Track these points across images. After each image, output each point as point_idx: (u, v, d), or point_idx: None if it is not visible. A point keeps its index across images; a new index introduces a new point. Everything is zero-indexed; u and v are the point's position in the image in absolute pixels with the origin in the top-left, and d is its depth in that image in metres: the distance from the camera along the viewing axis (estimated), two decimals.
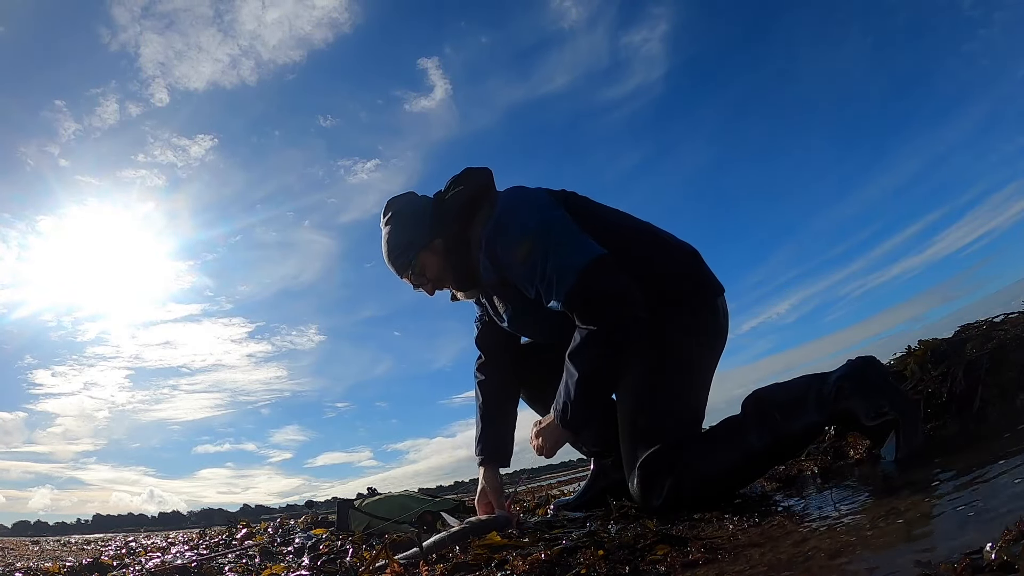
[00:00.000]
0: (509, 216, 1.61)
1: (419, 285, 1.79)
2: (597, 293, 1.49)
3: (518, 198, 1.67)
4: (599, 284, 1.49)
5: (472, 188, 1.70)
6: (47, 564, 2.43)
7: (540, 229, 1.56)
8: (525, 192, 1.70)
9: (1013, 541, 0.72)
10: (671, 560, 1.09)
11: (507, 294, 1.71)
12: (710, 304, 1.70)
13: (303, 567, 1.59)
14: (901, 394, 1.43)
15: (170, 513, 20.43)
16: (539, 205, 1.64)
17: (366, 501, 2.53)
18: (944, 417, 1.55)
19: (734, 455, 1.49)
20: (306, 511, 4.17)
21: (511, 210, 1.63)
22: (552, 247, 1.53)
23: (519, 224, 1.59)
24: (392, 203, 1.79)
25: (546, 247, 1.53)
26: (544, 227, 1.56)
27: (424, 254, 1.74)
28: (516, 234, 1.57)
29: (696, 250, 1.76)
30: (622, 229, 1.72)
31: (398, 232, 1.75)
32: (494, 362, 1.98)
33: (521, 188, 1.72)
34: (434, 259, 1.74)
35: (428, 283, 1.78)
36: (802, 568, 0.89)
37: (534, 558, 1.18)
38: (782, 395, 1.51)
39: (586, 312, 1.50)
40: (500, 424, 1.90)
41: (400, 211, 1.77)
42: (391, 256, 1.77)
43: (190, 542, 2.97)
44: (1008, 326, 1.77)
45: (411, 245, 1.74)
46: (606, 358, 1.52)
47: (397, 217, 1.77)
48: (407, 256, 1.74)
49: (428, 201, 1.78)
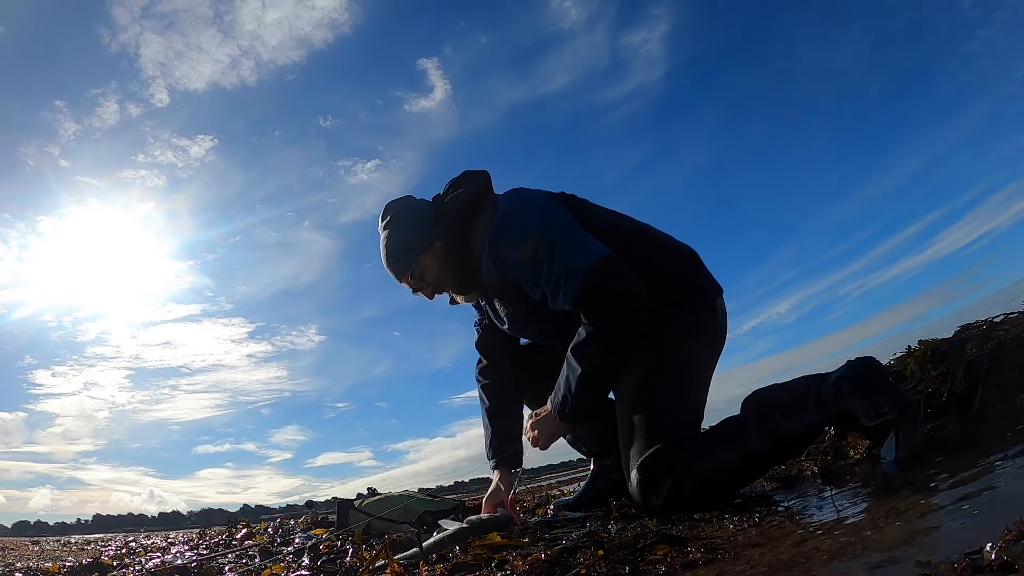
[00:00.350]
0: (512, 217, 1.61)
1: (418, 289, 1.77)
2: (606, 292, 1.49)
3: (520, 199, 1.67)
4: (608, 283, 1.49)
5: (471, 191, 1.69)
6: (47, 564, 2.43)
7: (544, 229, 1.56)
8: (526, 193, 1.70)
9: (1013, 541, 0.72)
10: (671, 560, 1.09)
11: (509, 295, 1.71)
12: (709, 305, 1.71)
13: (303, 567, 1.59)
14: (900, 394, 1.43)
15: (170, 513, 20.44)
16: (541, 205, 1.64)
17: (366, 501, 2.53)
18: (944, 417, 1.55)
19: (734, 455, 1.49)
20: (306, 511, 4.17)
21: (514, 211, 1.62)
22: (559, 247, 1.53)
23: (523, 224, 1.58)
24: (390, 207, 1.78)
25: (552, 247, 1.53)
26: (548, 227, 1.56)
27: (424, 257, 1.72)
28: (520, 234, 1.57)
29: (694, 251, 1.77)
30: (621, 231, 1.72)
31: (397, 235, 1.74)
32: (496, 365, 1.98)
33: (522, 189, 1.72)
34: (434, 262, 1.73)
35: (428, 287, 1.76)
36: (802, 568, 0.89)
37: (534, 558, 1.18)
38: (782, 396, 1.51)
39: (594, 311, 1.51)
40: (508, 426, 1.91)
41: (399, 214, 1.76)
42: (390, 259, 1.75)
43: (190, 542, 2.97)
44: (1008, 326, 1.77)
45: (410, 248, 1.72)
46: (609, 356, 1.53)
47: (396, 220, 1.75)
48: (407, 259, 1.73)
49: (427, 204, 1.77)
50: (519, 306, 1.71)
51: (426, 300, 1.81)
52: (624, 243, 1.66)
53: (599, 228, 1.64)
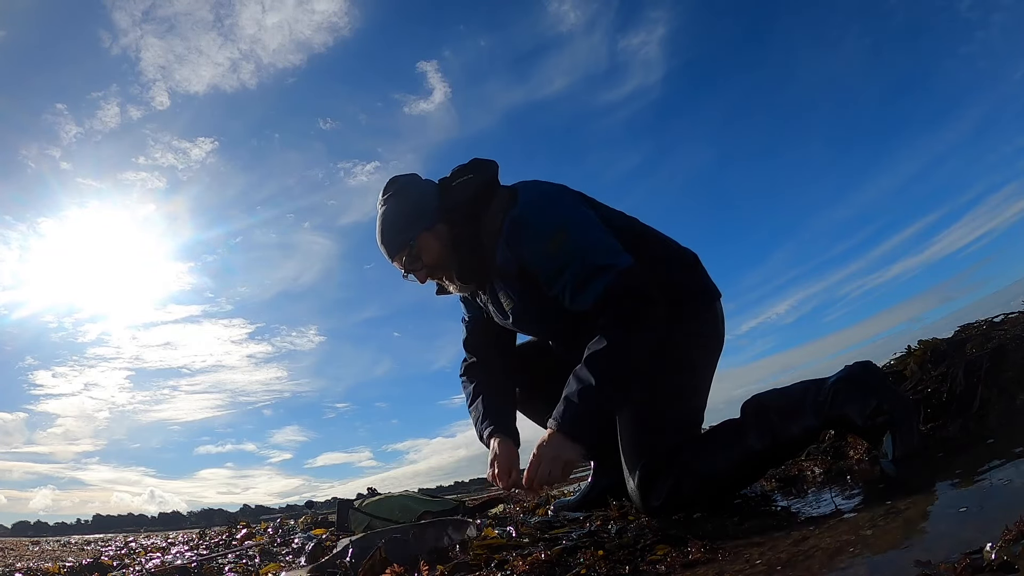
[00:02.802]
0: (539, 206, 1.55)
1: (411, 270, 1.66)
2: (639, 293, 1.45)
3: (547, 192, 1.61)
4: (639, 288, 1.45)
5: (482, 177, 1.64)
6: (47, 564, 2.43)
7: (575, 224, 1.52)
8: (551, 186, 1.64)
9: (1013, 541, 0.72)
10: (671, 560, 1.09)
11: (518, 287, 1.63)
12: (711, 308, 1.71)
13: (302, 567, 1.59)
14: (896, 395, 1.43)
15: (170, 513, 20.41)
16: (569, 201, 1.59)
17: (366, 501, 2.53)
18: (944, 417, 1.55)
19: (733, 456, 1.49)
20: (306, 511, 4.17)
21: (541, 201, 1.57)
22: (590, 243, 1.50)
23: (553, 216, 1.54)
24: (394, 180, 1.69)
25: (582, 242, 1.49)
26: (578, 223, 1.53)
27: (425, 236, 1.63)
28: (549, 225, 1.52)
29: (696, 255, 1.77)
30: (630, 231, 1.69)
31: (400, 210, 1.65)
32: (485, 363, 1.87)
33: (545, 182, 1.65)
34: (435, 244, 1.64)
35: (422, 269, 1.66)
36: (802, 568, 0.90)
37: (534, 558, 1.18)
38: (780, 400, 1.52)
39: (625, 310, 1.44)
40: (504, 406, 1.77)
41: (404, 189, 1.67)
42: (387, 234, 1.65)
43: (190, 542, 2.97)
44: (1008, 326, 1.77)
45: (412, 225, 1.63)
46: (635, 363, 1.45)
47: (399, 194, 1.66)
48: (406, 236, 1.63)
49: (433, 185, 1.70)
50: (526, 300, 1.63)
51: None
52: (634, 243, 1.65)
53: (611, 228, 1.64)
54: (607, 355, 1.42)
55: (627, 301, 1.45)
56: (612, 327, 1.44)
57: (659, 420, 1.56)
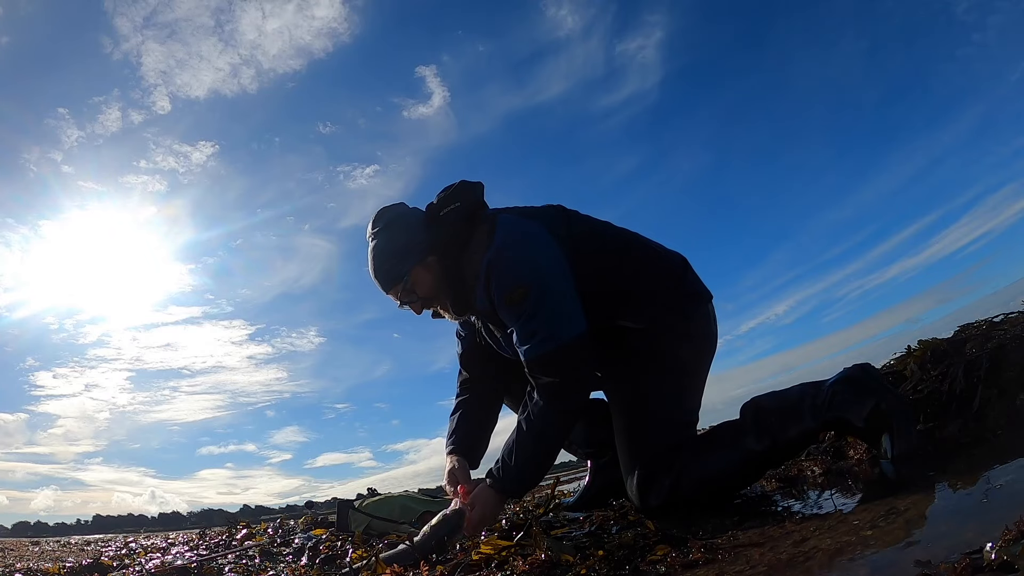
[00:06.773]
0: (509, 254, 1.56)
1: (406, 302, 1.70)
2: (567, 370, 1.51)
3: (521, 239, 1.59)
4: (572, 364, 1.51)
5: (467, 205, 1.65)
6: (47, 565, 2.43)
7: (538, 279, 1.52)
8: (528, 227, 1.62)
9: (1013, 541, 0.72)
10: (671, 560, 1.09)
11: (499, 324, 1.67)
12: (702, 310, 1.72)
13: (303, 567, 1.59)
14: (893, 395, 1.43)
15: (170, 514, 20.36)
16: (540, 246, 1.59)
17: (366, 502, 2.53)
18: (944, 417, 1.55)
19: (732, 457, 1.50)
20: (306, 511, 4.17)
21: (511, 254, 1.56)
22: (546, 304, 1.51)
23: (519, 265, 1.54)
24: (383, 213, 1.71)
25: (540, 301, 1.50)
26: (542, 279, 1.53)
27: (418, 270, 1.65)
28: (513, 277, 1.53)
29: (685, 258, 1.77)
30: (617, 240, 1.72)
31: (391, 244, 1.66)
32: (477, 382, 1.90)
33: (522, 223, 1.64)
34: (427, 276, 1.66)
35: (417, 301, 1.69)
36: (802, 568, 0.90)
37: (534, 558, 1.18)
38: (779, 402, 1.53)
39: (552, 381, 1.51)
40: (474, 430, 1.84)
41: (393, 222, 1.68)
42: (382, 268, 1.67)
43: (190, 543, 2.96)
44: (1008, 326, 1.76)
45: (405, 259, 1.65)
46: (559, 435, 1.58)
47: (389, 228, 1.68)
48: (400, 270, 1.65)
49: (420, 215, 1.71)
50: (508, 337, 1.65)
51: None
52: (621, 249, 1.66)
53: (598, 240, 1.65)
54: (528, 425, 1.55)
55: (553, 373, 1.50)
56: (540, 394, 1.54)
57: (657, 421, 1.57)
